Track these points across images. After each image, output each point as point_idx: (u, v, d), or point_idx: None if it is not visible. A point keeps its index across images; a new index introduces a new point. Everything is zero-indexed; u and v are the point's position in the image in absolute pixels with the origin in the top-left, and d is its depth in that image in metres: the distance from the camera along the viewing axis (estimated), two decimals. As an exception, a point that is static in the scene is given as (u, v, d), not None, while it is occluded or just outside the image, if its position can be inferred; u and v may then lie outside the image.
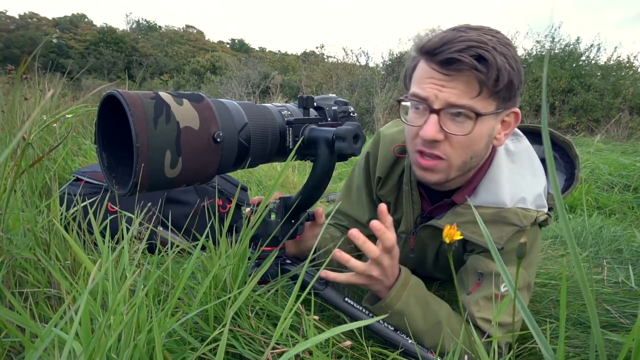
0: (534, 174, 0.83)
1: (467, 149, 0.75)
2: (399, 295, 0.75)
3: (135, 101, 0.53)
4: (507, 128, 0.78)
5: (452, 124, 0.72)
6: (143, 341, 0.52)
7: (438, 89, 0.71)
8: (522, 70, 0.74)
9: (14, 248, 0.72)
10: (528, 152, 0.86)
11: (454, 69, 0.69)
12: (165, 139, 0.54)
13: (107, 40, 28.08)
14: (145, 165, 0.53)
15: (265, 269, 0.69)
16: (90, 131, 2.55)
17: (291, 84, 11.72)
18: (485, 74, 0.68)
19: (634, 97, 7.38)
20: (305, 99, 0.78)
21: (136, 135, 0.51)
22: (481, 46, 0.68)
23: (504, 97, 0.72)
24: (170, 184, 0.58)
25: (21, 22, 28.10)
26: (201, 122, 0.58)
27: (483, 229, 0.50)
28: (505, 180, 0.80)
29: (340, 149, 0.70)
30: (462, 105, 0.70)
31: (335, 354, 0.71)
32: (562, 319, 0.39)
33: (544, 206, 0.81)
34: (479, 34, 0.70)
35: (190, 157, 0.57)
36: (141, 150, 0.52)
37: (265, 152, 0.71)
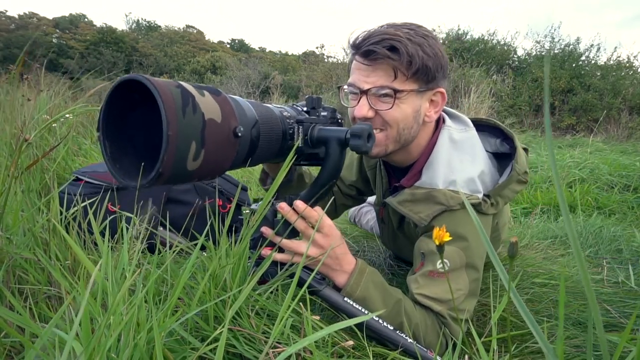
0: (472, 161, 0.90)
1: (396, 122, 0.85)
2: (358, 282, 0.80)
3: (164, 88, 0.50)
4: (436, 106, 0.90)
5: (379, 102, 0.84)
6: (143, 341, 0.51)
7: (365, 76, 0.84)
8: (443, 56, 0.85)
9: (13, 248, 0.72)
10: (472, 141, 0.93)
11: (372, 58, 0.82)
12: (192, 129, 0.52)
13: (107, 40, 28.05)
14: (173, 155, 0.50)
15: (264, 268, 0.70)
16: (91, 131, 2.55)
17: (291, 84, 11.71)
18: (398, 60, 0.80)
19: (633, 97, 7.38)
20: (314, 99, 0.81)
21: (168, 123, 0.49)
22: (393, 38, 0.80)
23: (422, 79, 0.84)
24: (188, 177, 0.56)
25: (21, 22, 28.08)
26: (223, 116, 0.57)
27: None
28: (441, 165, 0.89)
29: (356, 146, 0.74)
30: (385, 85, 0.82)
31: (336, 354, 0.71)
32: (561, 318, 0.39)
33: (478, 191, 0.88)
34: (395, 29, 0.82)
35: (212, 149, 0.56)
36: (172, 140, 0.49)
37: (270, 151, 0.71)
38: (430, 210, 0.86)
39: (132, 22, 38.11)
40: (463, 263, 0.85)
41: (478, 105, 5.37)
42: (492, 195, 0.90)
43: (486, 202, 0.89)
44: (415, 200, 0.89)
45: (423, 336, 0.81)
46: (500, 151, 1.00)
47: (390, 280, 1.24)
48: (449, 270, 0.84)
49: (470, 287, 0.85)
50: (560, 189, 0.31)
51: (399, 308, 0.81)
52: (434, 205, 0.86)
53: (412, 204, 0.89)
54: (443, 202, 0.85)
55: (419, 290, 0.84)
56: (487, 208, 0.89)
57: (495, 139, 1.02)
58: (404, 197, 0.91)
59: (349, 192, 1.26)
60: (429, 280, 0.84)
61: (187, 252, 1.11)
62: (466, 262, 0.85)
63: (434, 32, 0.86)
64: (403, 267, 1.33)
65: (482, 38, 9.10)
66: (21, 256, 0.71)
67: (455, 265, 0.84)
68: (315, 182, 0.79)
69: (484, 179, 0.90)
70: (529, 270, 1.27)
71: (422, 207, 0.87)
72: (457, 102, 6.11)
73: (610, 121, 7.11)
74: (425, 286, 0.84)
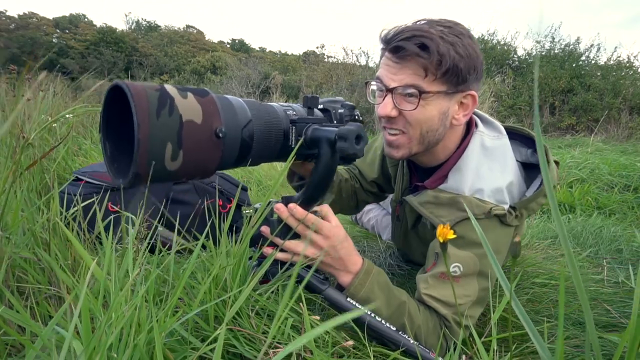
0: (502, 171, 0.88)
1: (420, 123, 0.83)
2: (363, 283, 0.79)
3: (139, 92, 0.52)
4: (465, 109, 0.86)
5: (404, 101, 0.82)
6: (143, 340, 0.51)
7: (392, 72, 0.81)
8: (478, 57, 0.82)
9: (13, 247, 0.72)
10: (503, 149, 0.90)
11: (401, 55, 0.79)
12: (167, 131, 0.54)
13: (107, 40, 28.02)
14: (145, 157, 0.52)
15: (265, 268, 0.69)
16: (91, 131, 2.55)
17: (291, 84, 11.70)
18: (427, 59, 0.77)
19: (634, 97, 7.37)
20: (310, 98, 0.78)
21: (138, 125, 0.51)
22: (425, 35, 0.77)
23: (452, 80, 0.80)
24: (170, 177, 0.57)
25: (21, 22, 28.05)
26: (204, 117, 0.58)
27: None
28: (470, 171, 0.87)
29: (341, 148, 0.70)
30: (409, 84, 0.79)
31: (337, 354, 0.71)
32: (561, 318, 0.39)
33: (504, 202, 0.86)
34: (429, 25, 0.79)
35: (192, 150, 0.57)
36: (142, 142, 0.52)
37: (269, 151, 0.71)
38: (453, 215, 0.85)
39: (132, 22, 38.09)
40: (476, 270, 0.83)
41: (478, 105, 5.37)
42: (518, 208, 0.87)
43: (511, 214, 0.86)
44: (438, 203, 0.87)
45: (425, 338, 0.80)
46: (529, 162, 0.98)
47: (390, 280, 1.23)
48: (460, 275, 0.82)
49: (478, 295, 0.84)
50: (550, 188, 0.31)
51: (402, 310, 0.80)
52: (457, 212, 0.84)
53: (435, 206, 0.87)
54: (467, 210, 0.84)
55: (427, 290, 0.83)
56: (512, 220, 0.86)
57: (526, 149, 0.99)
58: (427, 199, 0.89)
59: (370, 189, 1.25)
60: (439, 282, 0.83)
61: (187, 252, 1.11)
62: (479, 270, 0.83)
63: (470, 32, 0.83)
64: (403, 267, 1.33)
65: (482, 38, 9.10)
66: (21, 256, 0.71)
67: (468, 271, 0.83)
68: (309, 183, 0.77)
69: (511, 190, 0.88)
70: (529, 270, 1.27)
71: (445, 212, 0.86)
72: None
73: (610, 121, 7.10)
74: (434, 287, 0.83)
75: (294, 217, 0.75)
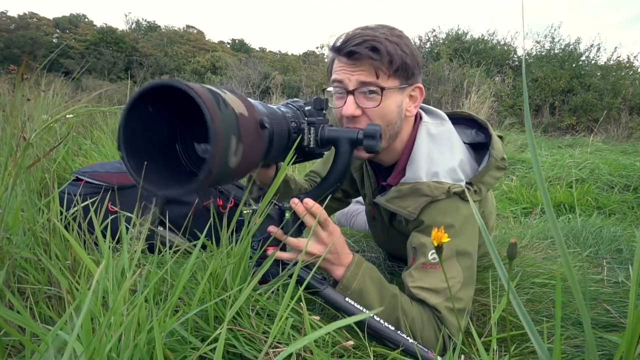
0: (451, 152, 0.94)
1: (382, 119, 0.89)
2: (355, 275, 0.83)
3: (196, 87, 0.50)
4: (415, 101, 0.94)
5: (365, 100, 0.88)
6: (144, 341, 0.52)
7: (349, 73, 0.87)
8: (418, 55, 0.90)
9: (13, 248, 0.72)
10: (449, 134, 0.97)
11: (355, 58, 0.85)
12: (230, 123, 0.52)
13: (107, 40, 28.00)
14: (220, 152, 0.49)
15: (265, 268, 0.70)
16: (91, 131, 2.55)
17: (291, 84, 11.71)
18: (379, 60, 0.84)
19: (633, 97, 7.37)
20: (321, 100, 0.84)
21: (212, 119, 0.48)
22: (373, 39, 0.84)
23: (403, 76, 0.88)
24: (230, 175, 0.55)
25: (21, 22, 28.04)
26: (248, 110, 0.58)
27: None
28: (422, 159, 0.92)
29: (370, 146, 0.77)
30: (369, 82, 0.86)
31: (337, 354, 0.71)
32: (558, 317, 0.39)
33: (460, 179, 0.91)
34: (374, 31, 0.86)
35: (248, 143, 0.56)
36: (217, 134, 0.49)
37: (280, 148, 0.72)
38: (417, 202, 0.89)
39: (132, 22, 38.09)
40: (453, 251, 0.87)
41: (479, 105, 5.37)
42: (474, 183, 0.93)
43: (469, 189, 0.92)
44: (402, 195, 0.92)
45: (420, 332, 0.81)
46: (476, 141, 1.04)
47: (389, 280, 1.23)
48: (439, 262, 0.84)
49: (464, 275, 0.86)
50: (544, 187, 0.31)
51: (395, 303, 0.82)
52: (420, 198, 0.89)
53: (400, 199, 0.92)
54: (428, 194, 0.88)
55: (414, 283, 0.85)
56: (471, 195, 0.92)
57: (470, 130, 1.06)
58: (392, 195, 0.94)
59: (336, 195, 1.28)
60: (422, 273, 0.86)
61: (187, 252, 1.11)
62: (456, 250, 0.87)
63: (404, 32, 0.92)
64: (403, 267, 1.33)
65: (482, 38, 9.10)
66: (21, 256, 0.71)
67: (446, 255, 0.86)
68: (325, 181, 0.82)
69: (464, 168, 0.93)
70: (529, 270, 1.27)
71: (409, 202, 0.90)
72: (458, 102, 6.11)
73: (610, 121, 7.10)
74: (420, 279, 0.86)
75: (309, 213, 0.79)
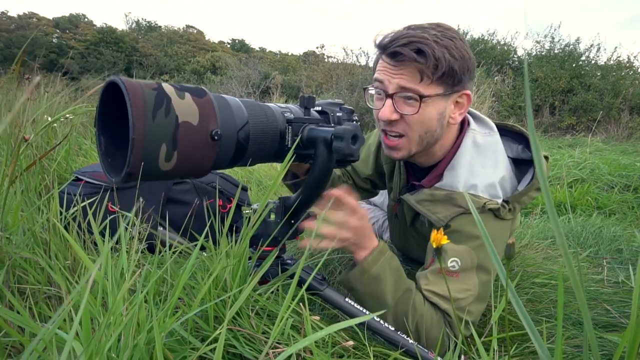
0: (494, 167, 0.91)
1: (420, 125, 0.86)
2: (376, 261, 0.81)
3: (137, 91, 0.52)
4: (461, 108, 0.90)
5: (404, 105, 0.84)
6: (143, 341, 0.51)
7: (391, 75, 0.84)
8: (470, 58, 0.85)
9: (13, 248, 0.72)
10: (495, 146, 0.94)
11: (399, 60, 0.82)
12: (162, 132, 0.54)
13: (107, 40, 27.96)
14: (139, 157, 0.52)
15: (265, 268, 0.69)
16: (91, 131, 2.55)
17: (291, 84, 11.70)
18: (424, 63, 0.80)
19: (633, 97, 7.37)
20: (306, 98, 0.79)
21: (133, 125, 0.51)
22: (420, 41, 0.80)
23: (448, 82, 0.83)
24: (163, 176, 0.57)
25: (21, 22, 28.01)
26: (201, 118, 0.58)
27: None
28: (463, 168, 0.90)
29: (338, 148, 0.69)
30: (409, 88, 0.82)
31: (337, 354, 0.71)
32: (560, 318, 0.39)
33: (498, 196, 0.89)
34: (423, 31, 0.82)
35: (186, 151, 0.57)
36: (137, 142, 0.51)
37: (264, 152, 0.70)
38: (449, 211, 0.87)
39: (132, 22, 38.07)
40: (474, 264, 0.85)
41: (479, 105, 5.37)
42: (510, 201, 0.90)
43: (504, 207, 0.89)
44: (434, 200, 0.90)
45: (426, 330, 0.81)
46: (521, 157, 1.00)
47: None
48: (459, 270, 0.84)
49: (479, 290, 0.85)
50: (546, 187, 0.31)
51: (408, 296, 0.82)
52: (453, 207, 0.87)
53: (431, 204, 0.90)
54: (462, 205, 0.86)
55: (428, 286, 0.85)
56: (505, 213, 0.89)
57: (517, 145, 1.02)
58: (423, 197, 0.91)
59: (363, 186, 1.27)
60: (439, 278, 0.85)
61: (187, 252, 1.11)
62: (477, 264, 0.85)
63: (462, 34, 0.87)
64: (407, 269, 1.33)
65: (482, 38, 9.09)
66: (21, 256, 0.71)
67: (467, 265, 0.84)
68: (306, 184, 0.77)
69: (504, 185, 0.91)
70: (529, 270, 1.27)
71: (441, 208, 0.88)
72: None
73: (610, 121, 7.10)
74: (434, 283, 0.84)
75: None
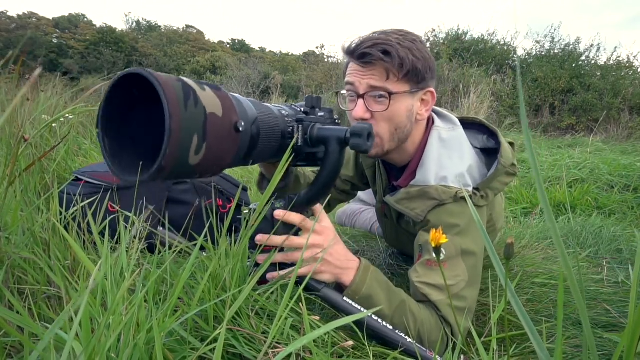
0: (461, 157, 0.96)
1: (390, 122, 0.92)
2: (363, 280, 0.82)
3: (166, 81, 0.50)
4: (427, 105, 0.96)
5: (375, 104, 0.91)
6: (143, 341, 0.51)
7: (360, 76, 0.90)
8: (431, 59, 0.92)
9: (12, 248, 0.72)
10: (459, 139, 0.99)
11: (367, 61, 0.88)
12: (195, 122, 0.52)
13: (107, 40, 27.98)
14: (175, 148, 0.50)
15: (264, 268, 0.69)
16: (90, 131, 2.55)
17: (291, 84, 11.70)
18: (390, 63, 0.86)
19: (633, 97, 7.37)
20: (314, 98, 0.82)
21: (170, 116, 0.49)
22: (385, 43, 0.87)
23: (413, 80, 0.90)
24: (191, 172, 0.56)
25: (21, 22, 28.01)
26: (224, 110, 0.58)
27: None
28: (432, 163, 0.95)
29: (356, 145, 0.74)
30: (378, 87, 0.89)
31: (336, 354, 0.71)
32: (560, 318, 0.39)
33: (468, 185, 0.94)
34: (386, 35, 0.89)
35: (214, 144, 0.56)
36: (174, 133, 0.49)
37: (269, 149, 0.71)
38: (425, 205, 0.92)
39: (131, 22, 38.07)
40: (458, 251, 0.88)
41: (478, 105, 5.37)
42: (481, 188, 0.95)
43: (476, 194, 0.95)
44: (410, 198, 0.95)
45: (428, 334, 0.81)
46: (487, 147, 1.06)
47: (390, 280, 1.24)
48: (444, 260, 0.87)
49: (469, 274, 0.88)
50: (541, 188, 0.31)
51: (403, 307, 0.82)
52: (428, 201, 0.92)
53: (408, 201, 0.95)
54: (436, 197, 0.91)
55: (419, 278, 0.87)
56: (478, 200, 0.95)
57: (482, 135, 1.08)
58: (401, 196, 0.96)
59: (343, 187, 1.32)
60: (427, 269, 0.88)
61: (187, 252, 1.11)
62: (461, 249, 0.88)
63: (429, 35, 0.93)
64: (403, 267, 1.33)
65: (482, 38, 9.10)
66: (20, 256, 0.71)
67: (451, 253, 0.88)
68: (316, 181, 0.79)
69: (472, 173, 0.96)
70: (529, 270, 1.27)
71: (417, 204, 0.93)
72: (457, 102, 6.11)
73: (610, 121, 7.10)
74: (424, 275, 0.87)
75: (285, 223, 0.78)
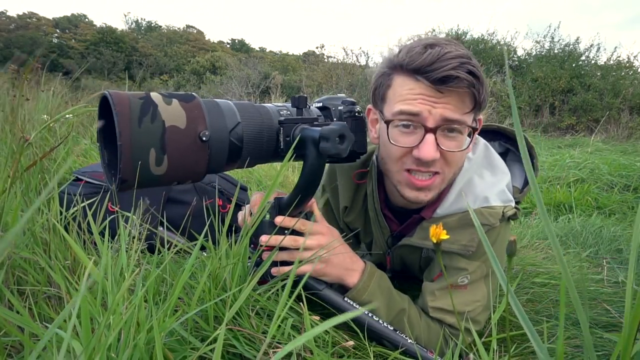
0: (493, 173, 0.84)
1: (459, 161, 0.77)
2: (366, 287, 0.77)
3: (122, 100, 0.55)
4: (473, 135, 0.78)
5: (446, 140, 0.71)
6: (143, 340, 0.51)
7: (431, 104, 0.69)
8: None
9: (12, 248, 0.72)
10: (485, 153, 0.86)
11: (450, 86, 0.67)
12: (150, 137, 0.56)
13: (107, 40, 28.00)
14: (129, 163, 0.54)
15: (265, 268, 0.69)
16: (91, 131, 2.55)
17: (291, 84, 11.71)
18: (478, 89, 0.68)
19: (633, 97, 7.38)
20: (297, 98, 0.76)
21: (119, 133, 0.53)
22: (469, 62, 0.67)
23: (477, 108, 0.72)
24: (158, 182, 0.59)
25: (21, 22, 28.03)
26: (188, 121, 0.59)
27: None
28: (465, 186, 0.81)
29: (324, 149, 0.67)
30: (456, 120, 0.69)
31: (337, 354, 0.71)
32: (562, 318, 0.39)
33: (510, 200, 0.81)
34: (457, 47, 0.68)
35: (176, 155, 0.58)
36: (124, 148, 0.54)
37: (261, 152, 0.71)
38: (473, 234, 0.77)
39: (131, 22, 38.07)
40: (484, 274, 0.82)
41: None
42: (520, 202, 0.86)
43: (518, 209, 0.82)
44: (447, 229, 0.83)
45: (426, 344, 0.80)
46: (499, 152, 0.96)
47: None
48: (468, 283, 0.81)
49: (487, 298, 0.82)
50: (537, 189, 0.31)
51: (401, 316, 0.79)
52: (474, 228, 0.77)
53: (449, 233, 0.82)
54: (484, 222, 0.77)
55: (434, 303, 0.81)
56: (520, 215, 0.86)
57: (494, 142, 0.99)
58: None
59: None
60: (446, 293, 0.81)
61: (187, 252, 1.11)
62: (486, 273, 0.82)
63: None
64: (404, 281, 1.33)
65: (482, 38, 9.10)
66: (20, 256, 0.71)
67: (476, 277, 0.81)
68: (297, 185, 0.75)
69: (509, 187, 0.84)
70: (529, 270, 1.27)
71: (460, 235, 0.78)
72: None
73: (611, 121, 7.10)
74: (441, 298, 0.81)
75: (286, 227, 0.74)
